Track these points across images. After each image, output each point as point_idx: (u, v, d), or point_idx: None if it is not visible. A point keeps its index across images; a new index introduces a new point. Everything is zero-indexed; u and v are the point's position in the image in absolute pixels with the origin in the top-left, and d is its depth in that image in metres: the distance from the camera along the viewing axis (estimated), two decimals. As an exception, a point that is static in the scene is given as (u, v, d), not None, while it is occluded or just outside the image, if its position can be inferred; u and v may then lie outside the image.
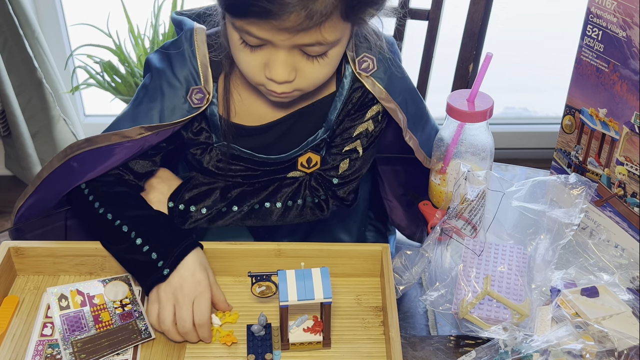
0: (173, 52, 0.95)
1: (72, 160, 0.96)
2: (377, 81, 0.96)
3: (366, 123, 1.00)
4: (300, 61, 0.86)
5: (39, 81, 2.09)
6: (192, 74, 0.94)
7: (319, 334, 0.85)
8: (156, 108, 0.94)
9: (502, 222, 0.93)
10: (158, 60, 0.96)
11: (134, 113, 0.96)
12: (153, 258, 0.88)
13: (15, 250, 0.93)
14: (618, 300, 0.86)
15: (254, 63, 0.87)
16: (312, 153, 1.01)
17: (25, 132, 2.13)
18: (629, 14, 0.87)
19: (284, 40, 0.82)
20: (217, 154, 1.00)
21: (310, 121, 0.99)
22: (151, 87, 0.95)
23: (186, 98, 0.94)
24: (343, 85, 0.98)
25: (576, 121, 0.99)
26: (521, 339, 0.81)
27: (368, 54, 0.95)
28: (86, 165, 0.96)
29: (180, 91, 0.94)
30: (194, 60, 0.94)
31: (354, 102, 0.99)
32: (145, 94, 0.96)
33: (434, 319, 0.92)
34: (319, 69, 0.87)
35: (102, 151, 0.95)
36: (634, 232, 0.93)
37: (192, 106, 0.94)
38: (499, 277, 0.87)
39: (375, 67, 0.96)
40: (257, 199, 0.99)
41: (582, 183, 0.92)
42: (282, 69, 0.85)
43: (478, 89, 0.95)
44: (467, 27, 1.32)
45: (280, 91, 0.88)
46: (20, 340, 0.86)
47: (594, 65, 0.94)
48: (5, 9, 1.95)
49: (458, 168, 0.94)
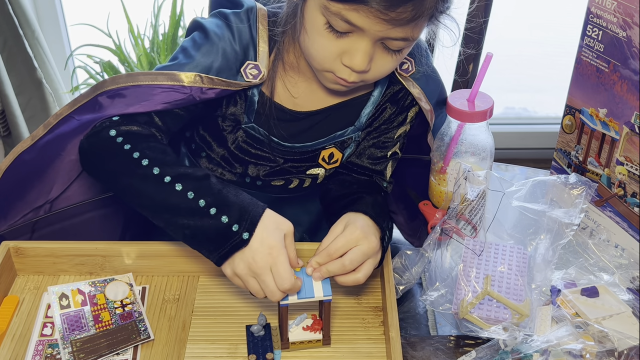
0: (235, 21, 0.92)
1: (102, 95, 0.88)
2: (415, 82, 0.97)
3: (405, 126, 1.02)
4: (378, 53, 0.86)
5: (39, 81, 2.09)
6: (252, 46, 0.92)
7: (318, 332, 0.85)
8: (217, 61, 0.90)
9: (502, 222, 0.93)
10: (216, 26, 0.92)
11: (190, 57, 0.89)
12: (224, 222, 0.79)
13: (15, 250, 0.93)
14: (618, 300, 0.86)
15: (334, 49, 0.85)
16: (335, 149, 1.01)
17: (25, 132, 2.13)
18: (629, 14, 0.87)
19: (380, 31, 0.81)
20: (242, 135, 0.99)
21: (343, 117, 0.99)
22: (208, 43, 0.91)
23: (239, 70, 0.92)
24: (377, 86, 0.98)
25: (576, 121, 0.99)
26: (521, 339, 0.81)
27: (408, 55, 0.96)
28: (115, 103, 0.87)
29: (236, 60, 0.91)
30: (255, 35, 0.92)
31: (390, 104, 1.00)
32: (200, 46, 0.90)
33: (434, 319, 0.92)
34: (391, 63, 0.88)
35: (140, 91, 0.88)
36: (634, 232, 0.93)
37: (245, 79, 0.92)
38: (499, 277, 0.87)
39: (414, 69, 0.97)
40: None
41: (582, 183, 0.92)
42: (363, 59, 0.84)
43: (478, 89, 0.95)
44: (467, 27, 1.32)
45: (351, 80, 0.87)
46: (20, 340, 0.86)
47: (594, 65, 0.94)
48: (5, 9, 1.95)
49: (458, 168, 0.94)
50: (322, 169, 1.02)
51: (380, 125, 1.01)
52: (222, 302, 0.93)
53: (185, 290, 0.94)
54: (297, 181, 1.03)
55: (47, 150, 0.91)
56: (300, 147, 1.00)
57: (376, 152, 1.02)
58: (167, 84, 0.88)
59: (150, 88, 0.88)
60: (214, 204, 0.80)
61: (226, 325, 0.89)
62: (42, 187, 0.94)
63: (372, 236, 0.85)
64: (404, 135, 1.02)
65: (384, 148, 1.02)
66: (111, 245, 0.94)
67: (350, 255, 0.83)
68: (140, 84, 0.88)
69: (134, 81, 0.88)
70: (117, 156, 0.84)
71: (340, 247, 0.83)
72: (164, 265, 0.95)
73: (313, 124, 0.99)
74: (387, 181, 1.04)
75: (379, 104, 0.99)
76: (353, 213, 0.89)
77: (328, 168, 1.02)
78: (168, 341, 0.87)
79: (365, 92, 0.98)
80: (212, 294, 0.94)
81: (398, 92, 0.99)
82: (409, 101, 1.00)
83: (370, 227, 0.87)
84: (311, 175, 1.02)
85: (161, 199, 0.81)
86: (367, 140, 1.03)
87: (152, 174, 0.81)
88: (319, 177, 1.03)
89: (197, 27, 0.93)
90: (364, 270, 0.85)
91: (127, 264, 0.95)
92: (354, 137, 1.01)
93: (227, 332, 0.88)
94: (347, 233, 0.85)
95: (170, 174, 0.81)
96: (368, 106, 0.99)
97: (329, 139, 1.00)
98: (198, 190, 0.81)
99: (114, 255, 0.94)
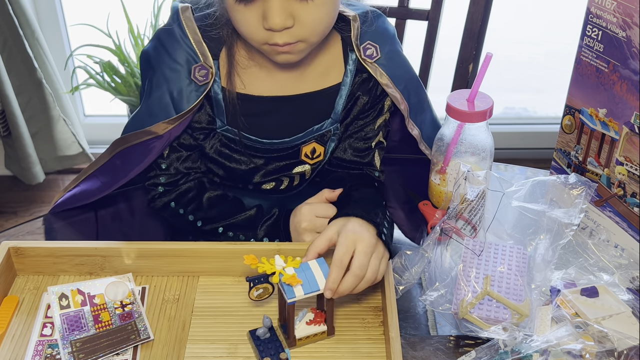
0: (165, 38, 0.96)
1: (116, 157, 1.00)
2: (380, 68, 0.98)
3: (384, 115, 1.03)
4: (295, 6, 0.86)
5: (39, 81, 2.09)
6: (189, 54, 0.95)
7: (322, 325, 0.85)
8: (165, 94, 0.95)
9: (502, 222, 0.93)
10: (153, 50, 0.97)
11: (149, 107, 0.97)
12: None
13: (15, 250, 0.93)
14: (618, 300, 0.86)
15: (252, 19, 0.87)
16: (316, 143, 1.01)
17: (25, 133, 2.13)
18: (629, 14, 0.87)
19: None
20: (219, 139, 1.00)
21: (317, 108, 1.00)
22: (155, 77, 0.96)
23: (190, 79, 0.94)
24: (347, 73, 0.99)
25: (576, 121, 0.99)
26: (521, 339, 0.81)
27: (372, 41, 0.97)
28: (129, 161, 0.99)
29: (182, 73, 0.94)
30: (186, 39, 0.95)
31: (362, 94, 1.01)
32: (150, 86, 0.97)
33: (434, 319, 0.92)
34: (316, 11, 0.87)
35: (139, 148, 0.97)
36: (634, 232, 0.93)
37: (198, 85, 0.94)
38: (499, 277, 0.87)
39: (379, 55, 0.98)
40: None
41: (582, 183, 0.92)
42: (278, 15, 0.85)
43: (478, 89, 0.95)
44: (467, 27, 1.32)
45: (283, 42, 0.88)
46: (20, 340, 0.86)
47: (594, 65, 0.94)
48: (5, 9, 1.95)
49: (458, 168, 0.94)
50: (307, 165, 1.03)
51: (357, 117, 1.03)
52: (222, 302, 0.92)
53: (185, 290, 0.94)
54: (287, 180, 1.04)
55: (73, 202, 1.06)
56: (279, 144, 1.00)
57: (360, 145, 1.04)
58: (151, 137, 0.96)
59: (145, 144, 0.97)
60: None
61: (226, 326, 0.89)
62: None
63: (366, 233, 0.87)
64: (384, 124, 1.04)
65: (367, 140, 1.04)
66: (111, 245, 0.94)
67: (355, 262, 0.84)
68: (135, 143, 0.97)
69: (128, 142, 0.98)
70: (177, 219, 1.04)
71: (343, 255, 0.84)
72: (164, 265, 0.95)
73: (285, 116, 0.99)
74: (378, 170, 1.04)
75: (351, 92, 1.00)
76: (342, 218, 0.90)
77: (312, 163, 1.03)
78: (168, 341, 0.87)
79: (334, 84, 0.99)
80: (212, 294, 0.94)
81: (368, 81, 1.00)
82: (381, 90, 1.01)
83: (362, 226, 0.88)
84: (298, 172, 1.03)
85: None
86: (348, 134, 1.04)
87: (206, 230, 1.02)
88: (306, 173, 1.04)
89: (143, 60, 0.99)
90: (371, 269, 0.85)
91: (127, 264, 0.95)
92: (332, 129, 1.01)
93: (227, 332, 0.88)
94: (342, 240, 0.85)
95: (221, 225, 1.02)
96: (341, 96, 1.00)
97: (307, 134, 1.00)
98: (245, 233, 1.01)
99: (114, 255, 0.94)
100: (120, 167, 1.00)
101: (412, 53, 1.43)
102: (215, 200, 1.02)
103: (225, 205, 1.03)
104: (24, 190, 2.32)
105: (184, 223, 1.03)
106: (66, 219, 1.06)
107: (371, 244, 0.86)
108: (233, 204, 1.03)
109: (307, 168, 1.03)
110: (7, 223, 2.20)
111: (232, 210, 1.02)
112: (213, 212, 1.02)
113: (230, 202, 1.03)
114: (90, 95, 2.42)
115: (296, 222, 0.99)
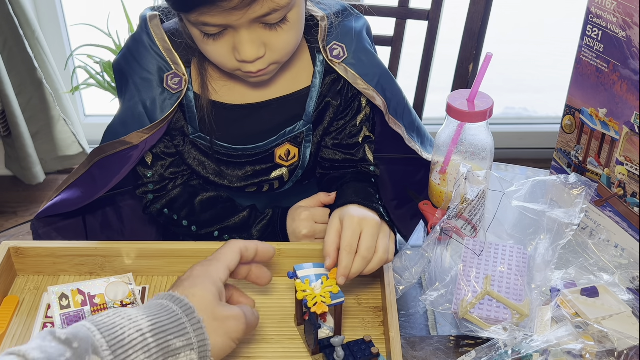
0: (134, 47, 0.95)
1: (94, 167, 0.98)
2: (349, 67, 0.98)
3: (364, 110, 1.03)
4: (264, 34, 0.86)
5: (39, 81, 2.09)
6: (159, 62, 0.94)
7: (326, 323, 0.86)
8: (138, 104, 0.94)
9: (502, 222, 0.93)
10: (124, 61, 0.96)
11: (122, 117, 0.96)
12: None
13: (15, 250, 0.93)
14: (618, 300, 0.86)
15: (222, 51, 0.87)
16: (290, 145, 1.01)
17: (25, 132, 2.13)
18: (629, 14, 0.87)
19: (239, 19, 0.82)
20: (195, 150, 1.00)
21: (288, 111, 0.99)
22: (127, 87, 0.96)
23: (163, 87, 0.94)
24: (316, 75, 0.99)
25: (576, 121, 0.99)
26: (521, 339, 0.81)
27: (338, 42, 0.97)
28: (107, 171, 0.97)
29: (154, 82, 0.94)
30: (155, 47, 0.94)
31: (333, 97, 1.00)
32: (123, 96, 0.97)
33: (434, 319, 0.92)
34: (285, 35, 0.87)
35: (116, 158, 0.96)
36: (634, 232, 0.93)
37: (172, 93, 0.94)
38: (499, 277, 0.87)
39: (346, 54, 0.98)
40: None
41: (582, 183, 0.92)
42: (249, 48, 0.85)
43: (478, 89, 0.95)
44: (467, 27, 1.32)
45: (256, 70, 0.88)
46: (20, 340, 0.86)
47: (594, 65, 0.94)
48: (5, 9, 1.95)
49: (458, 168, 0.94)
50: (284, 167, 1.03)
51: (335, 119, 1.02)
52: (222, 302, 0.92)
53: (185, 290, 0.94)
54: (267, 186, 1.04)
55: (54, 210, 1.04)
56: (253, 149, 1.00)
57: (347, 142, 1.04)
58: (127, 147, 0.95)
59: (123, 154, 0.95)
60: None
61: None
62: None
63: (369, 214, 0.89)
64: (366, 119, 1.03)
65: (352, 136, 1.03)
66: (111, 246, 0.94)
67: (363, 244, 0.85)
68: (111, 153, 0.96)
69: (105, 153, 0.96)
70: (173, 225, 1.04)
71: (351, 239, 0.85)
72: (164, 265, 0.95)
73: (258, 122, 0.99)
74: (372, 165, 1.04)
75: (321, 94, 1.00)
76: (340, 208, 0.91)
77: (288, 165, 1.03)
78: (168, 341, 0.87)
79: (304, 87, 0.99)
80: (212, 294, 0.94)
81: (337, 82, 1.00)
82: (353, 90, 1.00)
83: (362, 209, 0.90)
84: (276, 177, 1.03)
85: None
86: (331, 136, 1.04)
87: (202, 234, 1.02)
88: (284, 176, 1.03)
89: (115, 72, 0.99)
90: (381, 248, 0.87)
91: (127, 264, 0.95)
92: (305, 131, 1.01)
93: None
94: (347, 224, 0.86)
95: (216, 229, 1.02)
96: (311, 97, 0.99)
97: (279, 136, 1.00)
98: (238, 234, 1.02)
99: (114, 255, 0.94)
100: (98, 176, 0.99)
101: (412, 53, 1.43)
102: (207, 203, 1.02)
103: (218, 207, 1.02)
104: (24, 190, 2.32)
105: (180, 228, 1.03)
106: (52, 224, 1.04)
107: (375, 224, 0.87)
108: (226, 206, 1.03)
109: (284, 171, 1.03)
110: (7, 223, 2.20)
111: (225, 213, 1.02)
112: (206, 216, 1.02)
113: (223, 204, 1.03)
114: (90, 95, 2.43)
115: (295, 227, 0.99)
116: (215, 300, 0.74)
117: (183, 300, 0.71)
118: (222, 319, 0.73)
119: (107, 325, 0.66)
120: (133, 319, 0.68)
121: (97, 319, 0.67)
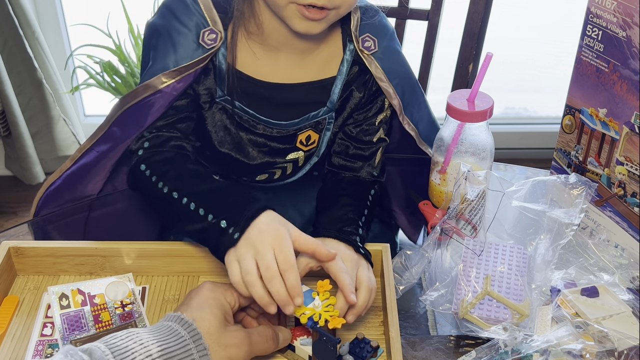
0: (174, 4, 0.95)
1: (113, 125, 0.97)
2: (376, 61, 0.99)
3: (385, 111, 1.04)
4: None
5: (39, 81, 2.09)
6: (198, 19, 0.94)
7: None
8: (171, 59, 0.94)
9: (502, 222, 0.93)
10: (160, 18, 0.97)
11: (152, 71, 0.95)
12: (223, 226, 0.84)
13: (15, 250, 0.93)
14: (618, 300, 0.86)
15: None
16: (312, 131, 1.02)
17: (25, 133, 2.13)
18: (629, 14, 0.87)
19: None
20: (220, 113, 1.00)
21: (314, 98, 1.00)
22: (161, 43, 0.95)
23: (199, 43, 0.94)
24: (343, 62, 1.00)
25: (576, 121, 0.99)
26: (521, 339, 0.81)
27: (371, 34, 0.98)
28: (128, 127, 0.97)
29: (190, 36, 0.94)
30: (196, 5, 0.94)
31: (357, 88, 1.01)
32: (156, 53, 0.96)
33: (433, 319, 0.92)
34: None
35: (138, 107, 0.95)
36: (634, 232, 0.93)
37: (206, 48, 0.94)
38: (499, 277, 0.87)
39: (377, 48, 0.99)
40: None
41: (582, 183, 0.92)
42: None
43: (478, 89, 0.95)
44: (467, 27, 1.33)
45: (322, 4, 0.86)
46: (20, 340, 0.86)
47: (594, 65, 0.94)
48: (5, 9, 1.95)
49: (458, 168, 0.94)
50: (301, 151, 1.04)
51: (355, 110, 1.03)
52: (222, 302, 0.92)
53: (185, 290, 0.94)
54: (279, 172, 1.05)
55: (71, 180, 1.03)
56: (275, 125, 1.00)
57: (363, 137, 1.04)
58: (149, 93, 0.94)
59: (140, 106, 0.95)
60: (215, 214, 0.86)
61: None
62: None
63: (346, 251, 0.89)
64: (385, 121, 1.04)
65: (369, 134, 1.04)
66: (111, 245, 0.94)
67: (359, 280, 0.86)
68: (133, 103, 0.95)
69: (126, 104, 0.96)
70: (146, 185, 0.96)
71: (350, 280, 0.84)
72: (164, 265, 0.95)
73: (283, 101, 0.99)
74: (376, 168, 1.04)
75: (347, 83, 1.01)
76: (321, 239, 0.90)
77: (306, 150, 1.04)
78: (168, 341, 0.87)
79: (332, 76, 1.00)
80: (212, 294, 0.94)
81: (364, 74, 1.01)
82: (377, 86, 1.01)
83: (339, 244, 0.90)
84: (291, 159, 1.04)
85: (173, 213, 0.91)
86: (349, 127, 1.04)
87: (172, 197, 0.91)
88: (300, 160, 1.04)
89: (149, 31, 0.99)
90: (363, 281, 0.86)
91: (127, 264, 0.95)
92: (327, 117, 1.02)
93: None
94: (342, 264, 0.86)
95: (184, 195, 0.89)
96: (336, 85, 1.00)
97: (303, 120, 1.01)
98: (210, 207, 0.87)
99: (114, 255, 0.94)
100: (120, 132, 0.98)
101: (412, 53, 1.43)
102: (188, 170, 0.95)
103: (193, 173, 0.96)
104: (24, 190, 2.32)
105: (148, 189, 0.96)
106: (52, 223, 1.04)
107: (353, 259, 0.88)
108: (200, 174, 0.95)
109: (300, 155, 1.04)
110: (7, 223, 2.20)
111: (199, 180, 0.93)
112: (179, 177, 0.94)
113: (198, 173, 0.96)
114: (90, 95, 2.43)
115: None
116: (221, 326, 0.77)
117: (191, 325, 0.75)
118: (224, 346, 0.76)
119: (120, 349, 0.70)
120: (144, 344, 0.72)
121: (110, 341, 0.71)
